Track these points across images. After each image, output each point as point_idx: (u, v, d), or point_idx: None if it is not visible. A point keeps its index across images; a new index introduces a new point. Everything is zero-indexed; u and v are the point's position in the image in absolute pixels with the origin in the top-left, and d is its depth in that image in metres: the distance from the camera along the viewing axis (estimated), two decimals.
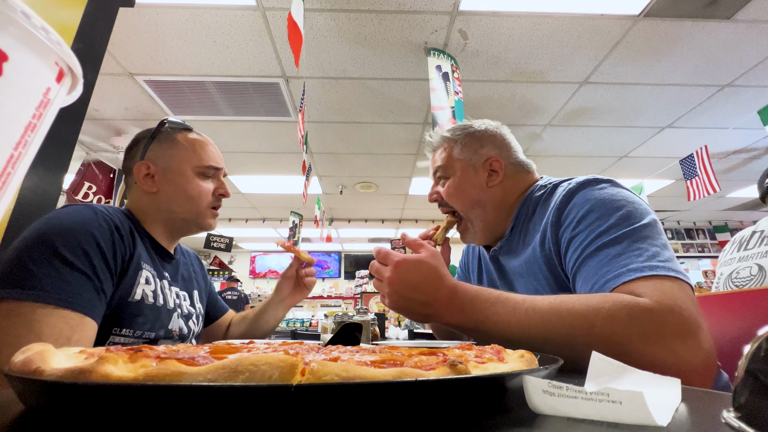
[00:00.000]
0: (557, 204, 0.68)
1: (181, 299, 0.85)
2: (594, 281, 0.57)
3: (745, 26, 2.04)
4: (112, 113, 2.89)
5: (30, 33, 0.20)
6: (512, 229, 0.80)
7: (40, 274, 0.56)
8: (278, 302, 1.03)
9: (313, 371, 0.22)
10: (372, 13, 1.97)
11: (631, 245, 0.56)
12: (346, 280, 7.95)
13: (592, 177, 0.69)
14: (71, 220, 0.63)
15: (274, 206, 5.19)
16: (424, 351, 0.36)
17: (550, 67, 2.39)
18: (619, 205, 0.61)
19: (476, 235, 0.84)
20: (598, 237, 0.59)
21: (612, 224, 0.59)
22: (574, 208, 0.65)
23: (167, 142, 0.81)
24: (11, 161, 0.20)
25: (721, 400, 0.32)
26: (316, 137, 3.29)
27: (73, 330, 0.56)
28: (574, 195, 0.67)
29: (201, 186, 0.82)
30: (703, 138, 3.25)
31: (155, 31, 2.07)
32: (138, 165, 0.79)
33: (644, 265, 0.53)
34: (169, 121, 0.82)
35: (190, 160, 0.81)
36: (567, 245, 0.64)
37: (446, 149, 0.85)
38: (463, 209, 0.83)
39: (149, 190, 0.79)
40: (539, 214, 0.74)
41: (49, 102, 0.22)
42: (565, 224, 0.65)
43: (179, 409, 0.20)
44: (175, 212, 0.80)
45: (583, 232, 0.61)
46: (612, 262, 0.56)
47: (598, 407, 0.24)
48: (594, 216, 0.62)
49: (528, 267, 0.73)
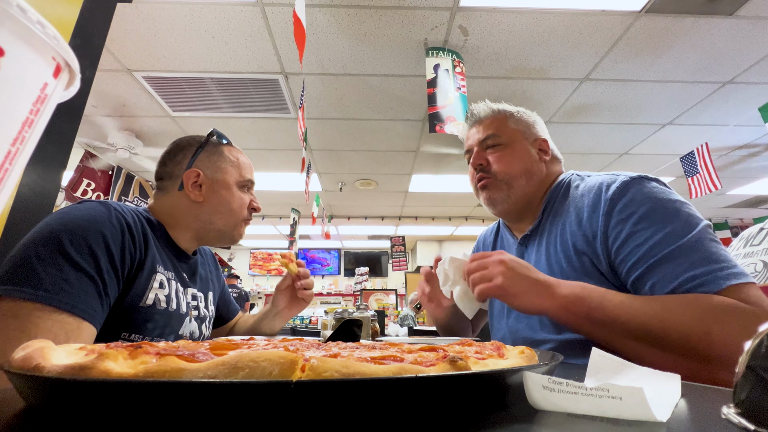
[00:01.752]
0: (611, 195, 0.68)
1: (198, 301, 0.83)
2: (677, 283, 0.58)
3: (747, 23, 2.03)
4: (111, 110, 2.88)
5: (26, 27, 0.20)
6: (543, 212, 0.82)
7: (43, 273, 0.55)
8: (275, 315, 1.00)
9: (313, 367, 0.22)
10: (372, 9, 1.96)
11: (706, 250, 0.59)
12: (345, 277, 7.96)
13: (641, 174, 0.70)
14: (83, 217, 0.62)
15: (274, 203, 5.18)
16: (425, 347, 0.36)
17: (551, 63, 2.37)
18: (677, 206, 0.64)
19: (507, 199, 0.83)
20: (669, 239, 0.61)
21: (680, 226, 0.62)
22: (632, 203, 0.66)
23: (215, 155, 0.83)
24: (9, 157, 0.20)
25: (721, 395, 0.32)
26: (315, 134, 3.28)
27: (68, 336, 0.55)
28: (629, 189, 0.67)
29: (243, 199, 0.84)
30: (704, 135, 3.24)
31: (153, 26, 2.06)
32: (189, 172, 0.79)
33: (729, 272, 0.56)
34: (216, 132, 0.85)
35: (234, 173, 0.84)
36: (626, 239, 0.64)
37: (499, 119, 0.86)
38: (509, 176, 0.82)
39: (195, 198, 0.80)
40: (574, 200, 0.76)
41: (46, 97, 0.22)
42: (622, 217, 0.66)
43: (179, 405, 0.20)
44: (213, 223, 0.82)
45: (648, 230, 0.63)
46: (694, 267, 0.58)
47: (598, 403, 0.24)
48: (658, 216, 0.63)
49: (554, 251, 0.75)
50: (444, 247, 7.23)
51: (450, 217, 5.87)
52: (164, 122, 3.07)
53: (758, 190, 4.59)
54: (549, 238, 0.78)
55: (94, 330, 0.60)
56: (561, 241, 0.74)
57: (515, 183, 0.82)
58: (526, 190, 0.82)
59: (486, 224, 5.99)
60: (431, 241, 7.30)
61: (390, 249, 6.47)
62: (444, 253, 1.71)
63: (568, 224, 0.74)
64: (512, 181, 0.82)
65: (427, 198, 5.03)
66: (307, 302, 1.01)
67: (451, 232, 6.72)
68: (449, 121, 2.06)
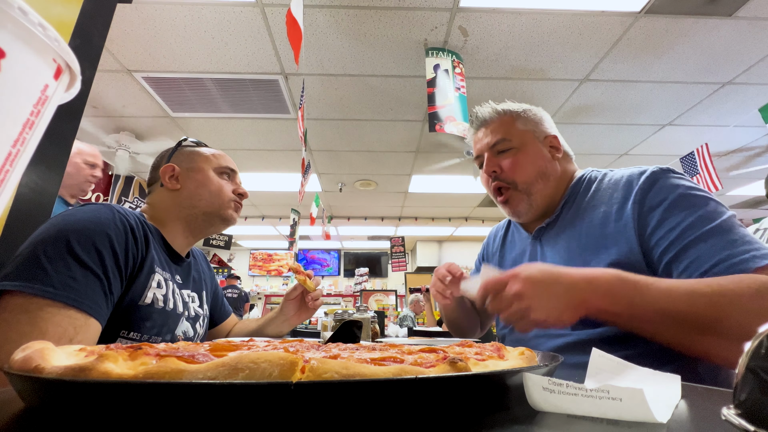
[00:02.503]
0: (641, 184, 0.69)
1: (190, 300, 0.86)
2: (713, 262, 0.57)
3: (746, 23, 2.03)
4: (110, 110, 2.88)
5: (27, 29, 0.20)
6: (562, 207, 0.81)
7: (52, 270, 0.57)
8: (282, 321, 1.05)
9: (313, 369, 0.22)
10: (372, 10, 1.96)
11: (736, 231, 0.59)
12: (345, 277, 7.96)
13: (667, 166, 0.72)
14: (88, 219, 0.65)
15: (274, 204, 5.18)
16: (425, 348, 0.36)
17: (551, 64, 2.38)
18: (705, 194, 0.65)
19: (530, 208, 0.82)
20: (702, 222, 0.61)
21: (710, 211, 0.62)
22: (662, 191, 0.67)
23: (189, 152, 0.90)
24: (9, 159, 0.20)
25: (721, 396, 0.32)
26: (315, 134, 3.28)
27: (76, 330, 0.57)
28: (658, 178, 0.69)
29: (221, 182, 0.88)
30: (704, 136, 3.25)
31: (153, 27, 2.06)
32: (165, 167, 0.85)
33: (765, 252, 0.55)
34: (190, 138, 0.93)
35: (209, 162, 0.89)
36: (658, 224, 0.65)
37: (506, 121, 0.84)
38: (526, 181, 0.81)
39: (173, 187, 0.85)
40: (602, 194, 0.76)
41: (47, 99, 0.22)
42: (653, 203, 0.67)
43: (179, 406, 0.20)
44: (196, 206, 0.85)
45: (680, 214, 0.63)
46: (730, 247, 0.57)
47: (598, 404, 0.24)
48: (689, 202, 0.64)
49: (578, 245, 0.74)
50: (444, 248, 7.23)
51: (450, 218, 5.87)
52: (164, 123, 3.08)
53: (758, 191, 4.59)
54: (571, 232, 0.76)
55: (100, 326, 0.62)
56: (587, 234, 0.73)
57: (534, 189, 0.81)
58: (545, 192, 0.81)
59: (486, 225, 6.01)
60: (431, 241, 7.30)
61: (390, 250, 6.47)
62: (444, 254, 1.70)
63: (597, 217, 0.73)
64: (531, 188, 0.81)
65: (427, 198, 5.03)
66: (315, 311, 1.06)
67: (450, 233, 6.71)
68: (449, 121, 2.06)
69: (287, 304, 1.04)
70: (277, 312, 1.05)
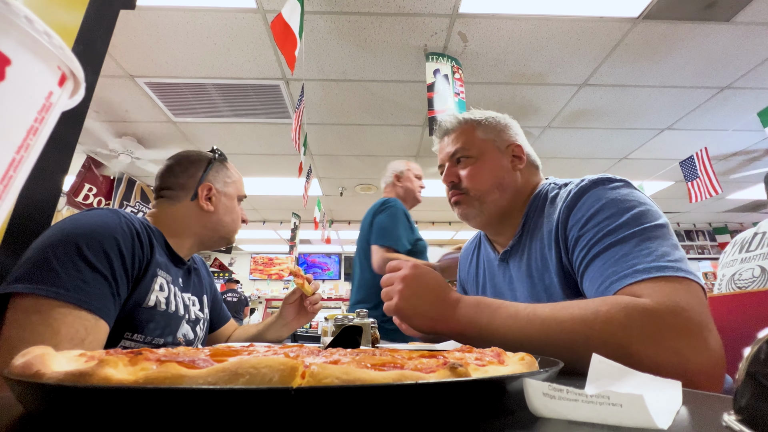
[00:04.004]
0: (567, 202, 0.66)
1: (190, 304, 0.87)
2: (600, 282, 0.56)
3: (744, 28, 2.05)
4: (113, 115, 2.89)
5: (33, 37, 0.20)
6: (522, 226, 0.78)
7: (63, 273, 0.58)
8: (282, 325, 1.05)
9: (314, 374, 0.22)
10: (372, 16, 1.98)
11: (640, 244, 0.55)
12: (346, 282, 7.94)
13: (605, 176, 0.67)
14: (96, 223, 0.66)
15: (274, 208, 5.19)
16: (425, 354, 0.36)
17: (550, 69, 2.39)
18: (630, 205, 0.60)
19: (480, 216, 0.80)
20: (606, 236, 0.58)
21: (621, 223, 0.58)
22: (584, 206, 0.64)
23: (222, 170, 0.93)
24: (13, 165, 0.20)
25: (722, 403, 0.32)
26: (316, 139, 3.30)
27: (87, 331, 0.58)
28: (585, 193, 0.65)
29: (240, 211, 0.96)
30: (703, 140, 3.25)
31: (156, 33, 2.08)
32: (204, 185, 0.88)
33: (652, 266, 0.52)
34: (219, 151, 0.95)
35: (236, 188, 0.95)
36: (574, 243, 0.63)
37: (467, 131, 0.82)
38: (481, 191, 0.79)
39: (207, 208, 0.87)
40: (549, 212, 0.72)
41: (51, 106, 0.22)
42: (573, 221, 0.64)
43: (180, 412, 0.20)
44: (218, 231, 0.90)
45: (591, 231, 0.60)
46: (619, 262, 0.55)
47: (598, 410, 0.24)
48: (604, 215, 0.60)
49: (536, 267, 0.72)
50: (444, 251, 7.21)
51: (450, 222, 5.87)
52: (166, 127, 3.09)
53: (758, 195, 4.60)
54: (531, 254, 0.74)
55: (108, 328, 0.63)
56: (541, 257, 0.71)
57: (487, 198, 0.78)
58: (500, 203, 0.79)
59: None
60: (431, 245, 7.29)
61: None
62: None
63: (544, 237, 0.71)
64: (484, 197, 0.79)
65: (427, 202, 5.03)
66: (314, 315, 1.08)
67: (451, 237, 6.71)
68: None
69: (286, 308, 1.04)
70: (277, 316, 1.06)
